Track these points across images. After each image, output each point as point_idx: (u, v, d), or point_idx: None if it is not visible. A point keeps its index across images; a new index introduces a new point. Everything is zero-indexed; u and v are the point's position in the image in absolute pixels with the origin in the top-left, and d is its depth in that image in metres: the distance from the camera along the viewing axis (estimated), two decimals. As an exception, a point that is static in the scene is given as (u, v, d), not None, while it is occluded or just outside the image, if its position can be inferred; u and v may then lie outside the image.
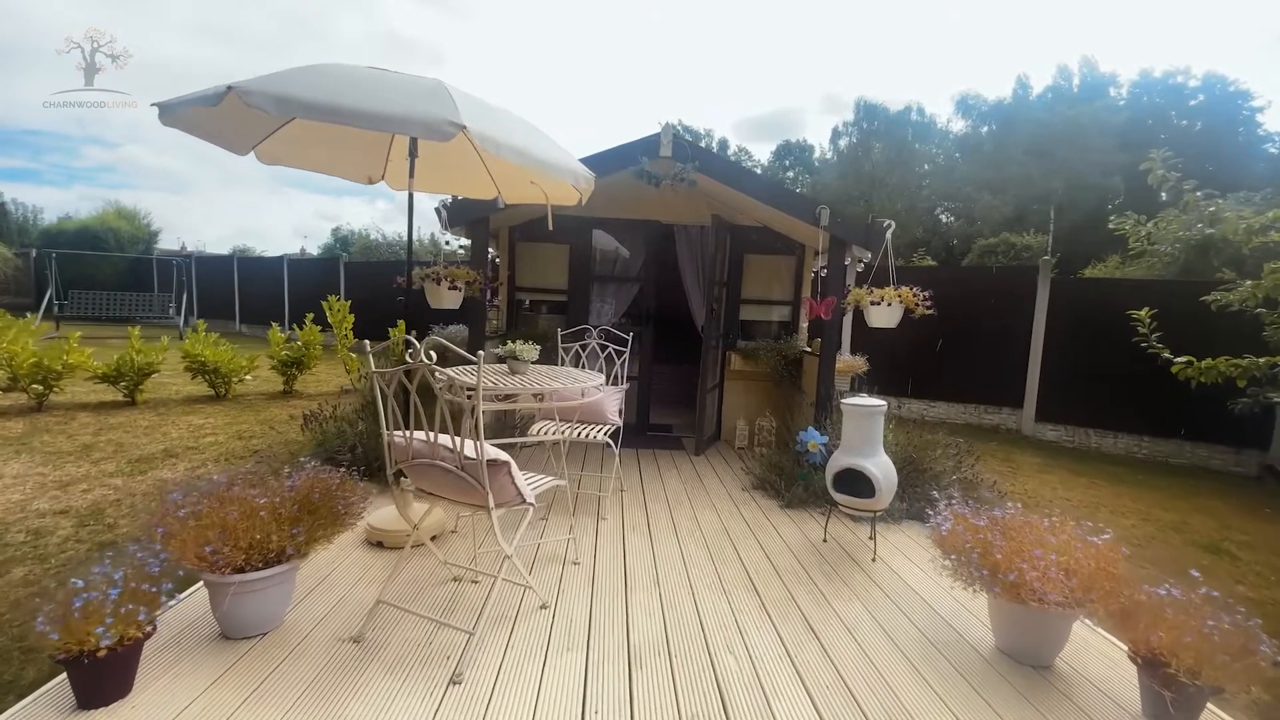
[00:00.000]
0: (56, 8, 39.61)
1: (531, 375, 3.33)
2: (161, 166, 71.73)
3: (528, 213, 5.75)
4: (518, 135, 2.70)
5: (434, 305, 4.36)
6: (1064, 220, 29.62)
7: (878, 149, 38.31)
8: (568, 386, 2.98)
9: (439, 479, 2.32)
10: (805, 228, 5.19)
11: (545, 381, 3.10)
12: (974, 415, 8.56)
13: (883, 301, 4.20)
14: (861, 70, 71.47)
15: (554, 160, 2.87)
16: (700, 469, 5.13)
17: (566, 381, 3.15)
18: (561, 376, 3.38)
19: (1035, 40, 54.51)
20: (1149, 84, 32.03)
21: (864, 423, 3.36)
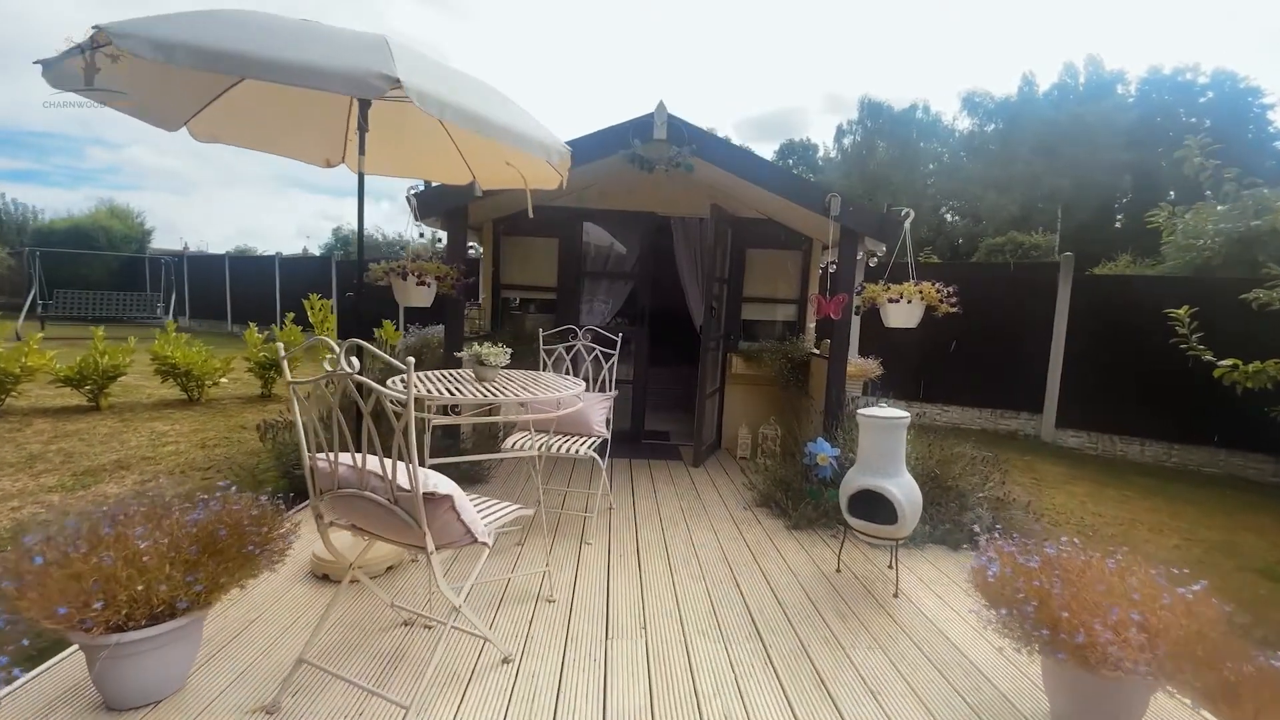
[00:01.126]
0: (56, 8, 39.17)
1: (501, 383, 2.89)
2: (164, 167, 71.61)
3: (512, 204, 5.32)
4: (472, 98, 2.27)
5: (402, 303, 3.93)
6: (1070, 219, 29.09)
7: (882, 147, 37.85)
8: (539, 396, 2.54)
9: (369, 513, 1.88)
10: (813, 219, 4.75)
11: (514, 390, 2.67)
12: (989, 420, 8.10)
13: (902, 298, 3.76)
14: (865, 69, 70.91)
15: (518, 129, 2.43)
16: (699, 482, 4.69)
17: (540, 390, 2.72)
18: (539, 383, 2.94)
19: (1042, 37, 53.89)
20: (1158, 81, 31.51)
21: (884, 437, 2.92)
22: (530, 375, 3.20)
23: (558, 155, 2.58)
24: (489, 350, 2.77)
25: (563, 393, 2.62)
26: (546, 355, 3.94)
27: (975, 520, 3.53)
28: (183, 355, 7.10)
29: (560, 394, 2.59)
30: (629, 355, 5.73)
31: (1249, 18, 44.00)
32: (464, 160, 3.68)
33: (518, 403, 2.46)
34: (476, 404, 2.39)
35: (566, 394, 2.63)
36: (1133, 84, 33.04)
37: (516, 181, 3.67)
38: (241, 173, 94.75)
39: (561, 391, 2.65)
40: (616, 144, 4.26)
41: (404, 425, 1.71)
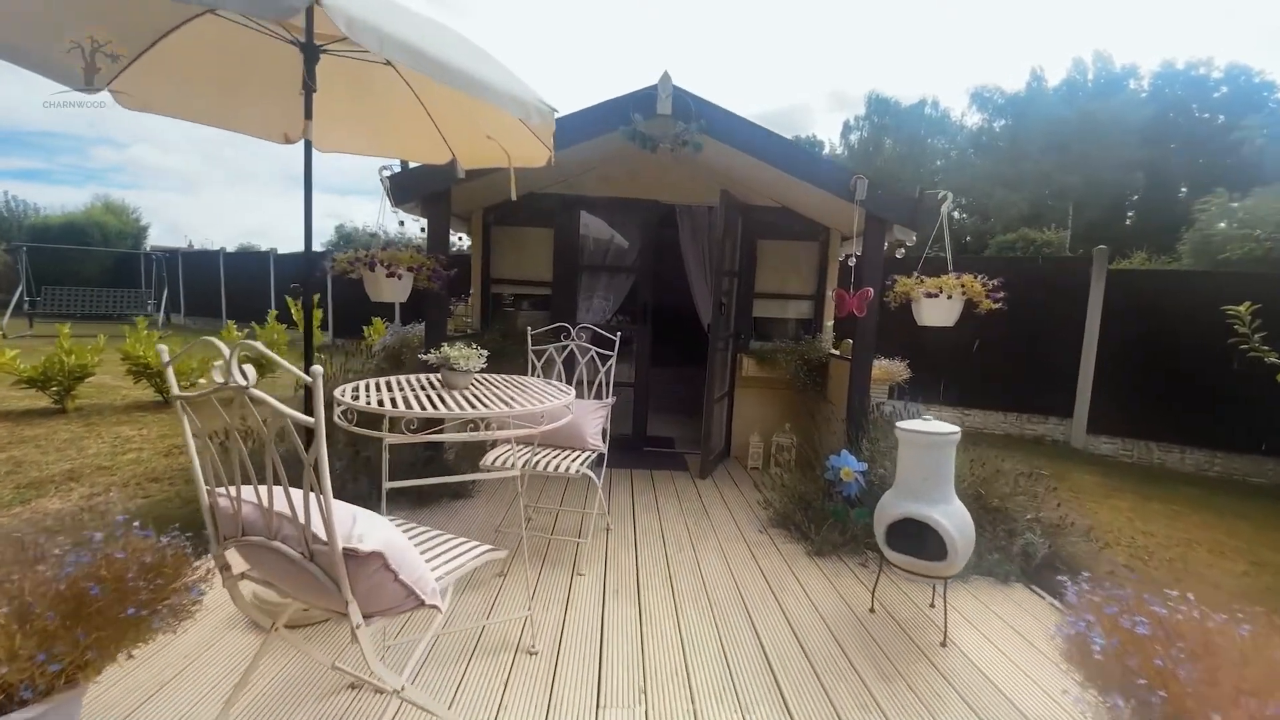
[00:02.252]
0: (57, 4, 38.78)
1: (476, 391, 2.44)
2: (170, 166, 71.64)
3: (502, 190, 4.86)
4: (426, 36, 1.82)
5: (374, 297, 3.48)
6: (1080, 217, 28.51)
7: (889, 144, 37.33)
8: (514, 409, 2.09)
9: (281, 569, 1.44)
10: (832, 206, 4.29)
11: (488, 401, 2.22)
12: (1015, 425, 7.62)
13: (941, 293, 3.29)
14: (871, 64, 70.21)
15: (485, 78, 1.98)
16: (706, 496, 4.23)
17: (520, 400, 2.26)
18: (523, 391, 2.49)
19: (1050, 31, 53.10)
20: (1170, 76, 30.89)
21: (929, 456, 2.45)
22: (514, 382, 2.75)
23: (537, 114, 2.13)
24: (459, 353, 2.32)
25: (545, 404, 2.17)
26: (536, 357, 3.49)
27: (1027, 548, 3.07)
28: (155, 355, 6.66)
29: (542, 406, 2.14)
30: (630, 355, 5.29)
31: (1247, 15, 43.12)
32: (441, 135, 3.23)
33: (483, 418, 2.00)
34: (434, 420, 1.94)
35: (550, 406, 2.17)
36: (1145, 79, 32.42)
37: (499, 159, 3.23)
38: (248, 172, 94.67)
39: (544, 402, 2.20)
40: (615, 120, 3.80)
41: (314, 457, 1.26)
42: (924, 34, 61.64)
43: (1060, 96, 32.53)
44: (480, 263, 5.16)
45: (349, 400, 2.02)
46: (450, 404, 2.11)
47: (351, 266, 3.29)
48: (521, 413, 2.06)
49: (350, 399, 2.07)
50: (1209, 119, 29.10)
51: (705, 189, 5.00)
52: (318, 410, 1.25)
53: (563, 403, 2.29)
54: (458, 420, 2.08)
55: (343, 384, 2.45)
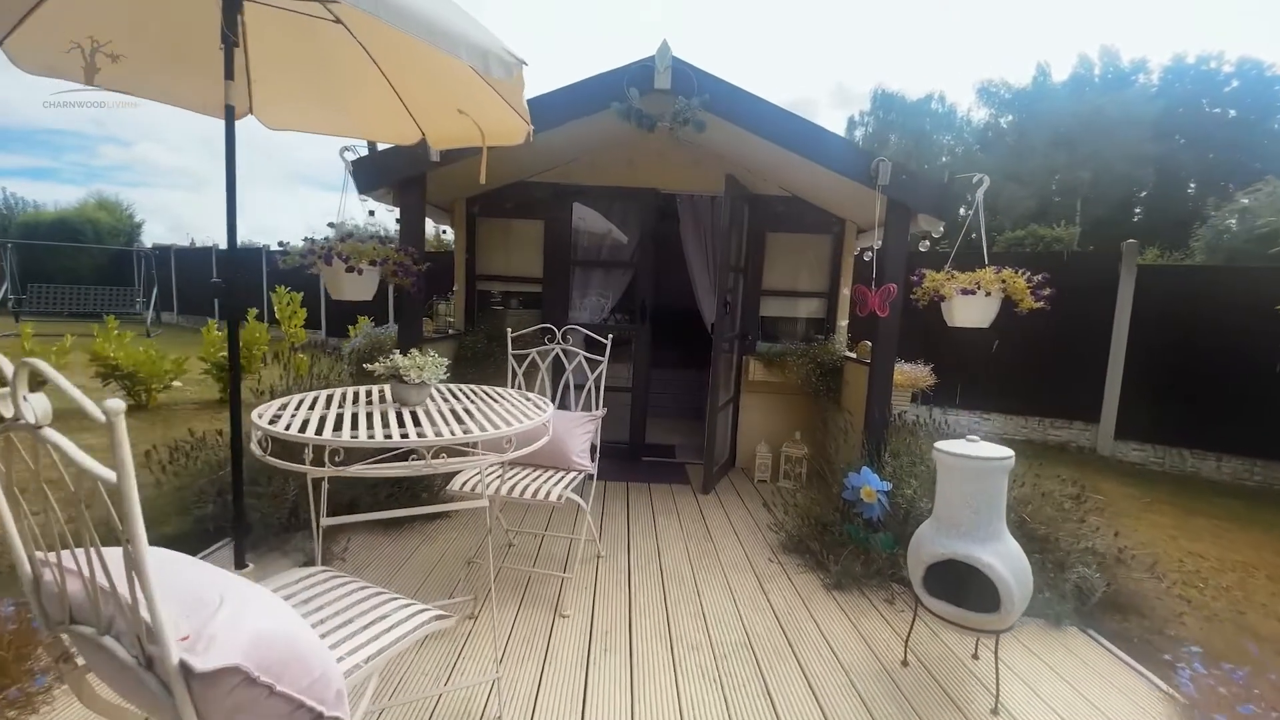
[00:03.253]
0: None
1: (432, 408, 2.04)
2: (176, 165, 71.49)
3: (488, 177, 4.46)
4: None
5: (334, 295, 3.09)
6: (1089, 213, 27.99)
7: (895, 140, 36.82)
8: (473, 434, 1.68)
9: (115, 672, 1.04)
10: (848, 194, 3.88)
11: (441, 421, 1.81)
12: (1037, 430, 7.19)
13: (979, 290, 2.88)
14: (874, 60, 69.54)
15: (430, 14, 1.56)
16: (709, 514, 3.83)
17: (482, 420, 1.86)
18: (496, 406, 2.09)
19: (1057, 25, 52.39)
20: (1180, 70, 30.32)
21: (977, 485, 2.04)
22: (485, 394, 2.34)
23: (499, 66, 1.72)
24: (410, 362, 1.91)
25: (513, 426, 1.76)
26: (516, 363, 3.08)
27: (1081, 584, 2.66)
28: (126, 355, 6.30)
29: (507, 430, 1.73)
30: (628, 357, 4.89)
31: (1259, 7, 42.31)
32: (406, 110, 2.83)
33: (429, 446, 1.60)
34: (366, 450, 1.53)
35: (519, 428, 1.76)
36: (1155, 74, 31.83)
37: (473, 138, 2.82)
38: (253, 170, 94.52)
39: (513, 423, 1.79)
40: (608, 96, 3.39)
41: (129, 528, 0.86)
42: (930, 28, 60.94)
43: (1068, 92, 31.99)
44: (464, 257, 4.76)
45: (265, 424, 1.62)
46: (393, 427, 1.70)
47: (304, 259, 2.88)
48: (484, 437, 1.66)
49: (268, 422, 1.67)
50: (1219, 114, 28.53)
51: (708, 176, 4.58)
52: (121, 458, 0.85)
53: (538, 421, 1.88)
54: (394, 449, 1.67)
55: (285, 397, 2.05)
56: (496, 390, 2.41)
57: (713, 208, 5.02)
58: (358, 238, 3.04)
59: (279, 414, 1.79)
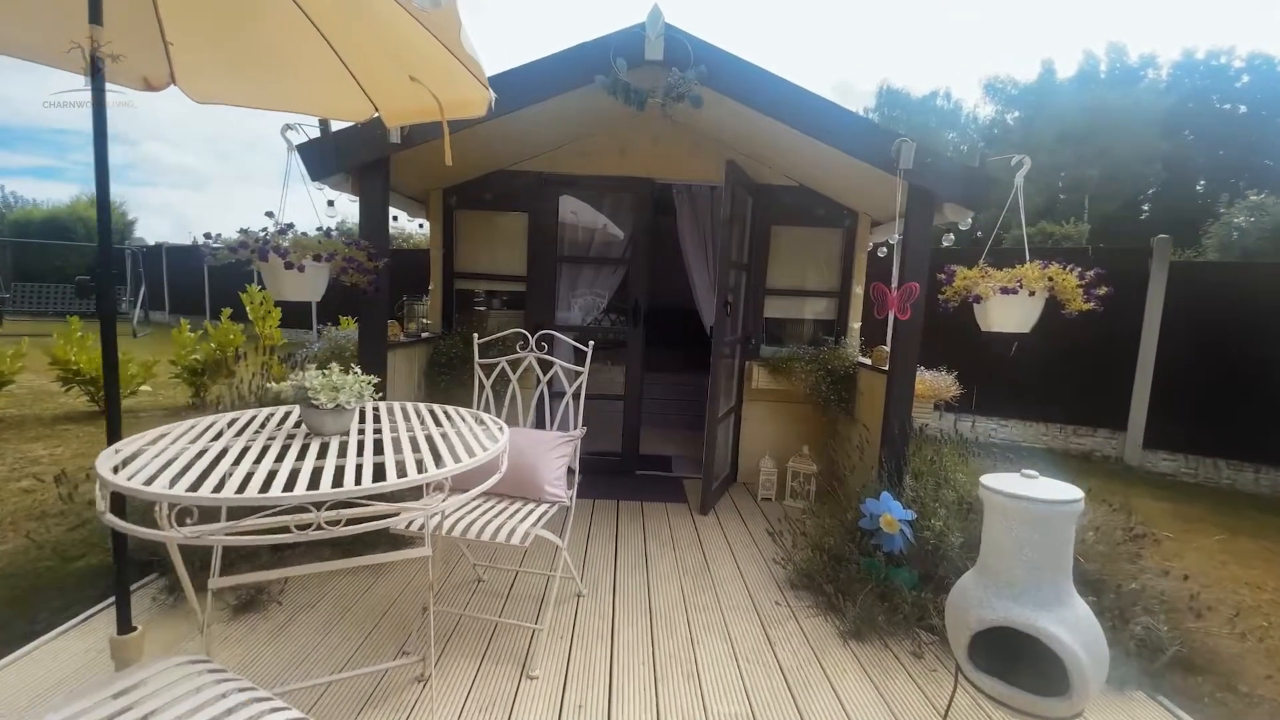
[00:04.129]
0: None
1: (360, 435, 1.63)
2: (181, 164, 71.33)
3: (464, 165, 4.07)
4: None
5: (275, 295, 2.68)
6: (1097, 210, 27.47)
7: (899, 137, 36.22)
8: (383, 484, 1.27)
9: None
10: (864, 180, 3.47)
11: (350, 461, 1.40)
12: (1058, 438, 6.76)
13: (1021, 288, 2.46)
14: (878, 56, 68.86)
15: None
16: (708, 540, 3.42)
17: (411, 458, 1.45)
18: (442, 427, 1.69)
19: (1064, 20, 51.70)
20: (1190, 66, 29.78)
21: (1038, 535, 1.63)
22: (432, 416, 1.93)
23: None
24: (324, 382, 1.50)
25: (444, 468, 1.35)
26: (484, 374, 2.68)
27: (1148, 639, 2.24)
28: (88, 359, 5.92)
29: (435, 474, 1.32)
30: (621, 358, 4.49)
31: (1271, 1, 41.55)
32: (354, 78, 2.43)
33: (316, 501, 1.19)
34: (280, 502, 1.12)
35: (447, 472, 1.35)
36: (1164, 69, 31.26)
37: (430, 111, 2.41)
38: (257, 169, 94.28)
39: (448, 460, 1.38)
40: (592, 67, 2.98)
41: None
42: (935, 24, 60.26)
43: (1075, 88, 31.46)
44: (440, 253, 4.35)
45: (106, 472, 1.22)
46: (305, 461, 1.30)
47: (235, 254, 2.48)
48: (396, 486, 1.25)
49: (123, 462, 1.27)
50: (1230, 110, 27.96)
51: (707, 164, 4.17)
52: None
53: (483, 459, 1.47)
54: (263, 507, 1.27)
55: (177, 423, 1.65)
56: (446, 411, 2.00)
57: (712, 199, 4.61)
58: (344, 234, 2.63)
59: (148, 448, 1.39)
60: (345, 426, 1.61)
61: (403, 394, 3.67)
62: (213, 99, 2.51)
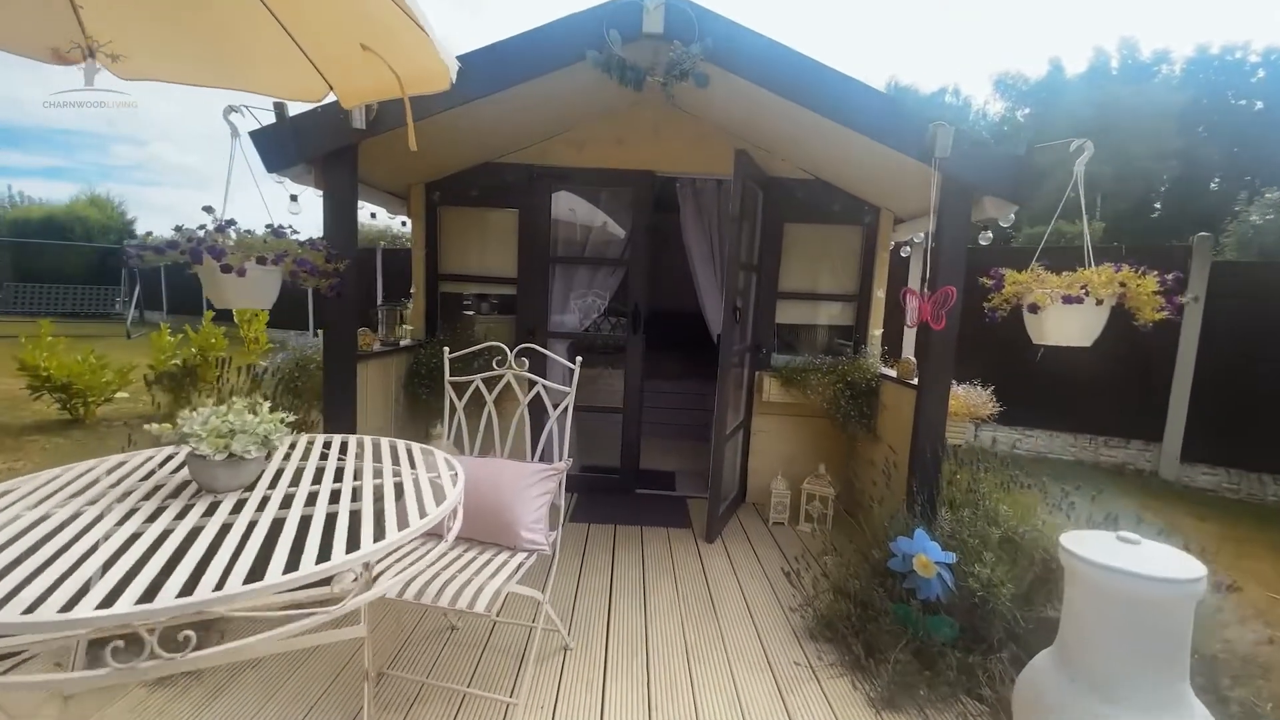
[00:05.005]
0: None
1: (269, 488, 1.27)
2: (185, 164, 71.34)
3: (448, 157, 3.71)
4: None
5: (217, 303, 2.34)
6: (1110, 208, 26.89)
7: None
8: (235, 592, 0.90)
9: None
10: (890, 171, 3.10)
11: (241, 528, 1.04)
12: (1087, 449, 6.35)
13: (1086, 295, 2.09)
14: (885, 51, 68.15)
15: None
16: (714, 574, 3.06)
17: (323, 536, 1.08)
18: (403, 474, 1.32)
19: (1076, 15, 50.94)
20: (1205, 61, 29.15)
21: (1145, 622, 1.26)
22: (388, 453, 1.57)
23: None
24: (214, 425, 1.14)
25: (359, 552, 0.99)
26: (456, 395, 2.32)
27: (1251, 713, 1.86)
28: (59, 365, 5.60)
29: (343, 562, 0.96)
30: (621, 363, 4.13)
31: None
32: (300, 50, 2.07)
33: (132, 622, 0.82)
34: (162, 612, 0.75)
35: (364, 557, 0.99)
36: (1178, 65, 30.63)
37: (389, 87, 2.06)
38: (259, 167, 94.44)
39: (364, 543, 1.02)
40: (581, 42, 2.61)
41: None
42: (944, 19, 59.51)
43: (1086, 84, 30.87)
44: (423, 253, 4.00)
45: None
46: (126, 560, 0.93)
47: (161, 255, 2.13)
48: (290, 583, 0.89)
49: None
50: (1245, 106, 27.33)
51: (714, 154, 3.80)
52: None
53: (422, 526, 1.11)
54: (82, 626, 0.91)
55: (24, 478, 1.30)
56: (396, 448, 1.64)
57: (719, 193, 4.24)
58: (224, 225, 2.27)
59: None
60: (245, 480, 1.25)
61: (377, 410, 3.32)
62: (141, 76, 2.15)
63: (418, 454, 1.62)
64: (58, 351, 5.67)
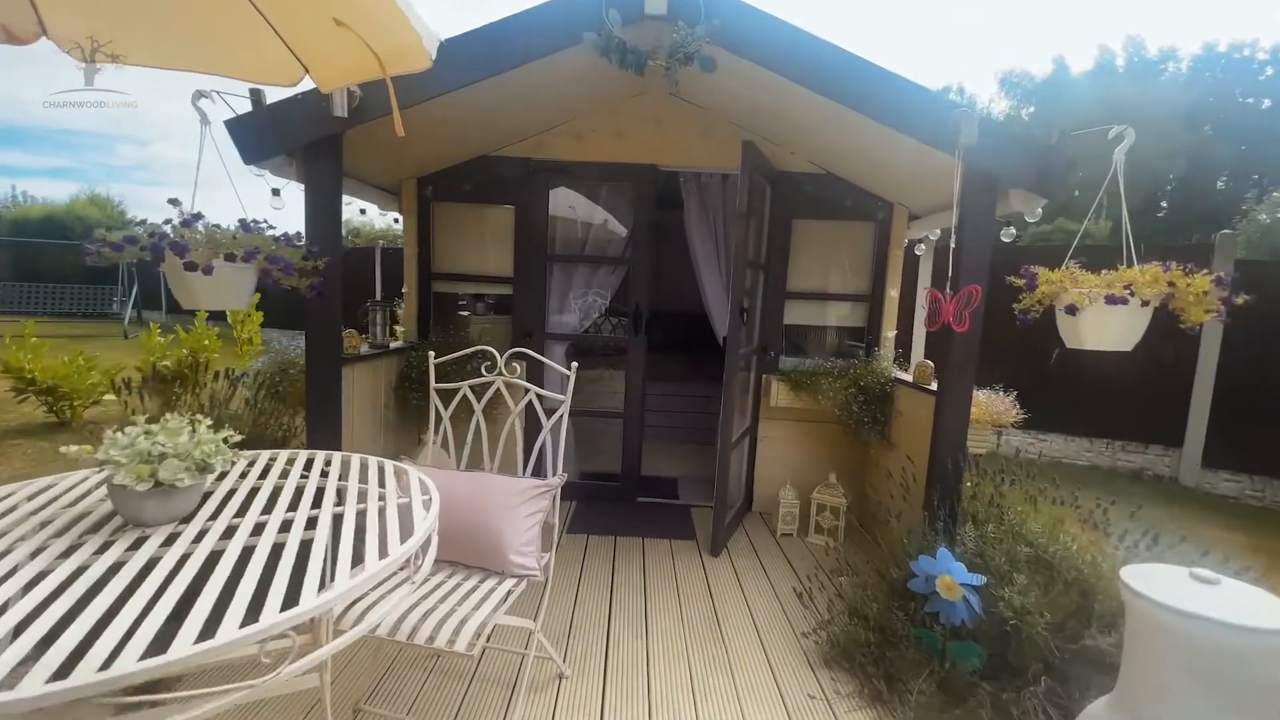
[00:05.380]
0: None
1: (210, 520, 1.09)
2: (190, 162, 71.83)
3: (441, 150, 3.55)
4: None
5: (185, 304, 2.17)
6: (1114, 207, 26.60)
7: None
8: (183, 652, 0.73)
9: None
10: (906, 164, 2.93)
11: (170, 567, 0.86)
12: (1105, 454, 6.15)
13: (1131, 295, 1.90)
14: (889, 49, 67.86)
15: None
16: (720, 591, 2.88)
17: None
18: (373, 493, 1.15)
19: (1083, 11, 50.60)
20: (1212, 59, 28.86)
21: (1228, 675, 1.07)
22: (358, 470, 1.40)
23: None
24: (139, 448, 0.97)
25: (302, 606, 0.82)
26: (442, 404, 2.14)
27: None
28: (42, 367, 5.45)
29: (277, 621, 0.78)
30: (622, 364, 3.96)
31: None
32: (270, 27, 1.90)
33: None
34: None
35: (307, 613, 0.82)
36: (1185, 62, 30.32)
37: (368, 67, 1.89)
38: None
39: (304, 595, 0.84)
40: (578, 23, 2.43)
41: None
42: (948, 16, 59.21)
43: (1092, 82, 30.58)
44: (415, 251, 3.83)
45: None
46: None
47: (118, 252, 1.95)
48: (206, 654, 0.71)
49: None
50: (1253, 104, 27.03)
51: (719, 147, 3.63)
52: None
53: (384, 565, 0.93)
54: None
55: None
56: (367, 464, 1.47)
57: (724, 188, 4.06)
58: (188, 220, 2.09)
59: None
60: (180, 512, 1.08)
61: (364, 416, 3.15)
62: (99, 58, 1.99)
63: (390, 473, 1.45)
64: (42, 353, 5.51)
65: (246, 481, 1.32)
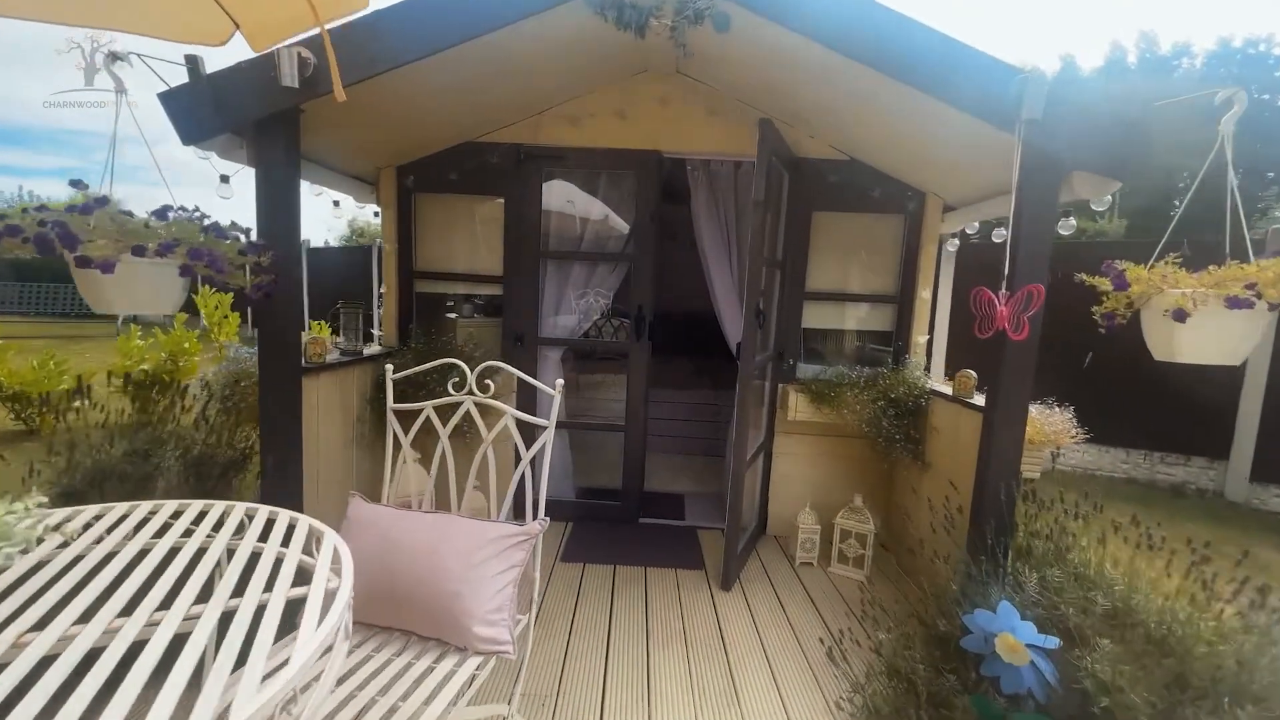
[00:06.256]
0: None
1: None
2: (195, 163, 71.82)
3: (423, 136, 3.18)
4: None
5: (96, 307, 1.82)
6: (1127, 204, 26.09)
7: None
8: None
9: None
10: (948, 145, 2.54)
11: None
12: (1143, 467, 5.73)
13: (1258, 297, 1.52)
14: (900, 48, 67.20)
15: None
16: (733, 635, 2.51)
17: None
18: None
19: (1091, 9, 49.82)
20: (1227, 55, 28.26)
21: None
22: (256, 530, 1.03)
23: None
24: None
25: None
26: (401, 429, 1.78)
27: None
28: (8, 372, 5.13)
29: None
30: (623, 368, 3.60)
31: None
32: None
33: None
34: None
35: None
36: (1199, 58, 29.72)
37: (301, 15, 1.53)
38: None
39: None
40: (570, -24, 2.07)
41: None
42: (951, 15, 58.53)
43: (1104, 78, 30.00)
44: (394, 247, 3.47)
45: None
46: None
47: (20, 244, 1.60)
48: None
49: None
50: (1268, 100, 26.44)
51: (731, 130, 3.26)
52: None
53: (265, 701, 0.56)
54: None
55: None
56: (256, 518, 1.10)
57: (736, 178, 3.68)
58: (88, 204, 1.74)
59: None
60: (17, 555, 0.71)
61: (333, 432, 2.78)
62: (64, 20, 1.65)
63: (298, 533, 1.08)
64: (8, 356, 5.19)
65: (71, 549, 0.95)
